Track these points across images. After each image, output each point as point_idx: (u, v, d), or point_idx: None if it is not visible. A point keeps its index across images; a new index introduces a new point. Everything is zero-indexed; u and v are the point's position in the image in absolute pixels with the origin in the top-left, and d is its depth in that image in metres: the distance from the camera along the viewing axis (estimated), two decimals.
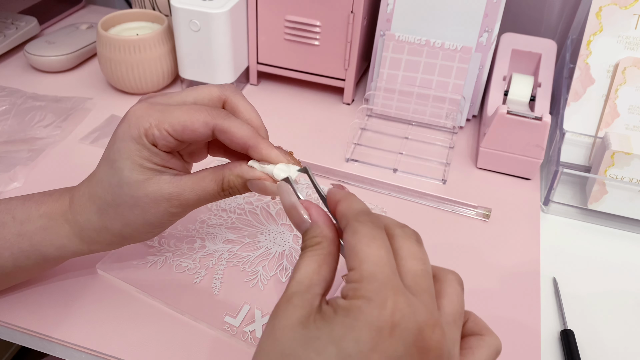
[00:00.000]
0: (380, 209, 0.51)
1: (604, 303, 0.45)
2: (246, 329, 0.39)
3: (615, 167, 0.50)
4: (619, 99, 0.55)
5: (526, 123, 0.52)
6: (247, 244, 0.46)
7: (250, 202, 0.50)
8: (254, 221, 0.49)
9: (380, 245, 0.26)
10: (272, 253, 0.46)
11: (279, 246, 0.46)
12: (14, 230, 0.36)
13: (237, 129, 0.34)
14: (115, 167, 0.34)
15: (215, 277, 0.43)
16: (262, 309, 0.41)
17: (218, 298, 0.42)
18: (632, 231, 0.52)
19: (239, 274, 0.44)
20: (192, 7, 0.58)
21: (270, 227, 0.48)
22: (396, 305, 0.24)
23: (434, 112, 0.61)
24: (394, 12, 0.60)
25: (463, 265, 0.46)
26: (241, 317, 0.40)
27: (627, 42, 0.56)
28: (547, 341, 0.42)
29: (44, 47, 0.69)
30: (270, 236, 0.47)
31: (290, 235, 0.47)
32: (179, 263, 0.44)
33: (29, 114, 0.60)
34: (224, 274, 0.44)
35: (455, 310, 0.27)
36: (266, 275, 0.44)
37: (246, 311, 0.41)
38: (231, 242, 0.46)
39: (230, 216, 0.49)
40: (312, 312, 0.25)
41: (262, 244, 0.46)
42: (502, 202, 0.53)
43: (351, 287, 0.25)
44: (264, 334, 0.26)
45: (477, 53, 0.59)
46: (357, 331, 0.23)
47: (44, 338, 0.39)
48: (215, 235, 0.47)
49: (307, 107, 0.66)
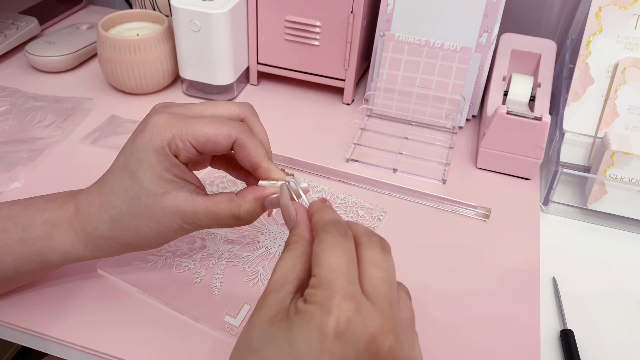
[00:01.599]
0: (380, 209, 0.51)
1: (603, 303, 0.45)
2: None
3: (614, 167, 0.50)
4: (618, 99, 0.56)
5: (526, 123, 0.52)
6: (248, 244, 0.46)
7: None
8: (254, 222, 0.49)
9: (341, 254, 0.28)
10: (272, 253, 0.46)
11: (279, 246, 0.46)
12: (16, 236, 0.36)
13: (255, 147, 0.35)
14: (136, 177, 0.34)
15: (216, 277, 0.43)
16: None
17: (218, 298, 0.42)
18: (631, 231, 0.52)
19: (239, 274, 0.44)
20: (193, 8, 0.59)
21: (270, 228, 0.48)
22: (342, 313, 0.25)
23: (433, 112, 0.61)
24: (393, 13, 0.60)
25: (463, 265, 0.46)
26: (241, 317, 0.40)
27: (627, 42, 0.56)
28: (547, 341, 0.42)
29: (45, 47, 0.69)
30: (270, 236, 0.47)
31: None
32: (179, 263, 0.44)
33: (29, 114, 0.60)
34: (224, 273, 0.44)
35: (407, 316, 0.29)
36: (266, 275, 0.44)
37: (246, 311, 0.41)
38: (231, 242, 0.47)
39: None
40: (282, 311, 0.27)
41: (262, 244, 0.47)
42: (502, 202, 0.53)
43: (309, 292, 0.27)
44: (243, 329, 0.28)
45: (476, 53, 0.59)
46: (308, 334, 0.25)
47: (44, 338, 0.39)
48: (216, 235, 0.47)
49: (307, 107, 0.66)
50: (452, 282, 0.45)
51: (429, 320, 0.42)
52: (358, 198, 0.52)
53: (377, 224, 0.49)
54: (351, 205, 0.51)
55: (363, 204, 0.51)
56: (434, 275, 0.45)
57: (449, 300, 0.43)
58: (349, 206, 0.51)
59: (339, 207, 0.51)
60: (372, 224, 0.49)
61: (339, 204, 0.51)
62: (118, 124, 0.60)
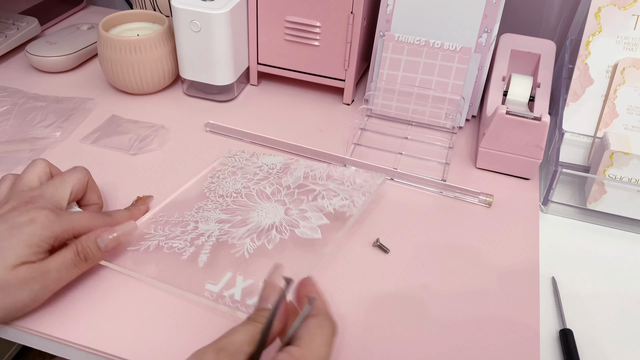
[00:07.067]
0: (379, 175, 0.52)
1: (603, 302, 0.45)
2: (225, 294, 0.40)
3: (614, 167, 0.50)
4: (617, 99, 0.56)
5: (525, 123, 0.52)
6: (239, 222, 0.47)
7: (247, 187, 0.51)
8: (248, 202, 0.49)
9: (330, 351, 0.32)
10: (262, 226, 0.46)
11: (270, 219, 0.47)
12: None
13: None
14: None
15: (203, 252, 0.44)
16: (244, 274, 0.42)
17: (202, 269, 0.43)
18: (630, 231, 0.52)
19: (226, 247, 0.45)
20: (193, 8, 0.59)
21: (263, 205, 0.49)
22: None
23: (433, 112, 0.62)
24: (393, 13, 0.60)
25: (462, 265, 0.46)
26: (222, 283, 0.41)
27: (626, 42, 0.56)
28: (546, 340, 0.42)
29: (45, 47, 0.69)
30: (262, 212, 0.48)
31: (283, 209, 0.48)
32: (171, 245, 0.45)
33: (30, 114, 0.61)
34: (212, 248, 0.44)
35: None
36: (253, 245, 0.44)
37: (228, 278, 0.41)
38: (223, 221, 0.47)
39: (226, 200, 0.49)
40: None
41: (253, 219, 0.47)
42: (501, 202, 0.53)
43: (286, 357, 0.30)
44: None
45: (476, 54, 0.59)
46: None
47: (45, 338, 0.39)
48: (209, 217, 0.47)
49: (307, 107, 0.66)
50: (452, 281, 0.45)
51: (428, 320, 0.42)
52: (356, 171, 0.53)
53: (374, 190, 0.50)
54: (349, 175, 0.52)
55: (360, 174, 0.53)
56: (433, 275, 0.45)
57: (448, 300, 0.43)
58: (346, 177, 0.52)
59: (337, 179, 0.52)
60: (371, 189, 0.50)
61: (337, 176, 0.52)
62: (118, 124, 0.61)
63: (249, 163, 0.55)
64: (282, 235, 0.45)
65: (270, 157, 0.56)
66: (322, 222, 0.47)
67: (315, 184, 0.51)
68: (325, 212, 0.48)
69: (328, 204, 0.48)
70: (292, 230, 0.46)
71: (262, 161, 0.55)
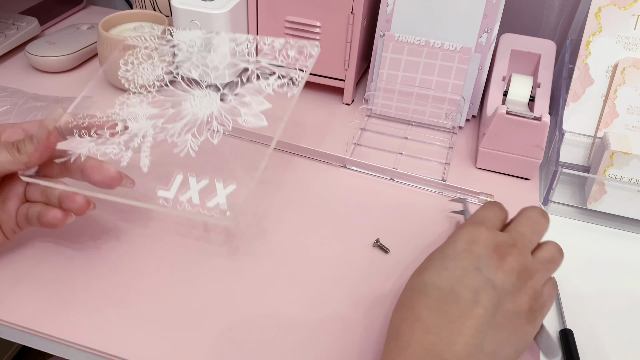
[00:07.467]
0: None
1: (603, 302, 0.45)
2: (182, 198, 0.38)
3: (614, 167, 0.50)
4: (618, 99, 0.56)
5: (525, 123, 0.52)
6: (172, 115, 0.44)
7: (169, 72, 0.47)
8: (176, 90, 0.46)
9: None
10: (200, 118, 0.43)
11: (206, 109, 0.44)
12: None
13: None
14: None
15: (143, 154, 0.41)
16: (195, 174, 0.39)
17: (148, 175, 0.40)
18: (631, 231, 0.52)
19: (167, 147, 0.41)
20: (193, 8, 0.59)
21: (194, 92, 0.45)
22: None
23: (433, 112, 0.62)
24: (393, 13, 0.60)
25: None
26: (175, 188, 0.39)
27: (626, 42, 0.56)
28: None
29: (45, 47, 0.69)
30: (196, 101, 0.45)
31: (217, 95, 0.45)
32: (104, 151, 0.41)
33: (30, 114, 0.61)
34: (151, 150, 0.41)
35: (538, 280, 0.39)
36: (196, 142, 0.41)
37: (179, 182, 0.39)
38: (155, 116, 0.44)
39: (151, 90, 0.46)
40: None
41: (187, 111, 0.44)
42: (502, 202, 0.53)
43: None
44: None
45: (476, 53, 0.59)
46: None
47: (45, 337, 0.39)
48: (137, 113, 0.44)
49: (307, 107, 0.66)
50: None
51: None
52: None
53: (310, 62, 0.46)
54: (279, 47, 0.48)
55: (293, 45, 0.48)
56: None
57: None
58: (277, 49, 0.48)
59: (268, 53, 0.47)
60: (306, 62, 0.46)
61: (267, 50, 0.48)
62: None
63: (163, 42, 0.49)
64: (224, 126, 0.42)
65: (186, 32, 0.50)
66: (264, 107, 0.43)
67: (246, 61, 0.47)
68: (265, 94, 0.44)
69: (265, 85, 0.44)
70: (235, 120, 0.42)
71: (177, 38, 0.50)
